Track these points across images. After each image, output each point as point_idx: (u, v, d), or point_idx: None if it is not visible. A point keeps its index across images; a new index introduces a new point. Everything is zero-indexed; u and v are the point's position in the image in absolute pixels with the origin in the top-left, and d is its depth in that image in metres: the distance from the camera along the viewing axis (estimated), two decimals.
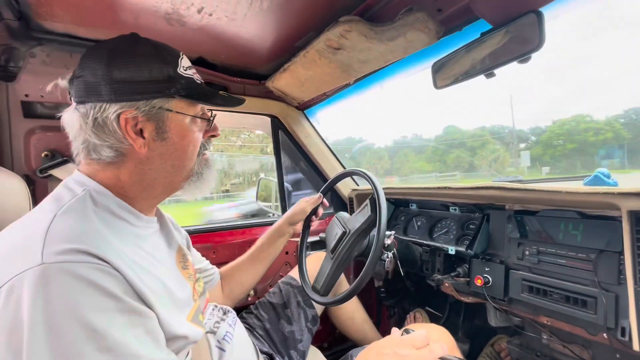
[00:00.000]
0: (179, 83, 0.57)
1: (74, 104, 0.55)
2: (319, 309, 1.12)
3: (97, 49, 0.54)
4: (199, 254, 0.91)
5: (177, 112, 0.57)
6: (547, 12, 0.56)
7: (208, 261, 0.94)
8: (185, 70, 0.59)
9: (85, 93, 0.53)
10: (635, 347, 0.66)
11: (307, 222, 1.11)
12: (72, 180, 0.55)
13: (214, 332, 0.78)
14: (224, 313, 0.87)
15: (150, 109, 0.54)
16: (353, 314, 1.28)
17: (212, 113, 0.65)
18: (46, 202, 0.51)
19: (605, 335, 0.74)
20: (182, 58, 0.59)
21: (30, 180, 0.98)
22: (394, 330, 0.63)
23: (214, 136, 0.68)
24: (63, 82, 0.56)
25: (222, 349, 0.75)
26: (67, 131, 0.56)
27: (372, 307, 1.62)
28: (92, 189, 0.53)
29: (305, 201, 1.08)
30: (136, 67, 0.53)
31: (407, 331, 0.60)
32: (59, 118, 0.57)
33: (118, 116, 0.52)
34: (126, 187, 0.57)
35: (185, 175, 0.62)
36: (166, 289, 0.55)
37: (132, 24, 0.89)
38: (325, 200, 1.10)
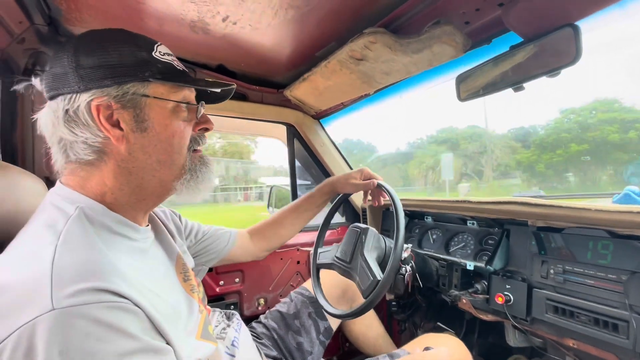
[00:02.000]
0: (154, 66, 0.52)
1: (47, 101, 0.51)
2: (334, 322, 1.09)
3: (65, 43, 0.51)
4: (203, 226, 0.93)
5: (156, 98, 0.52)
6: (583, 25, 0.55)
7: (218, 227, 0.97)
8: (163, 55, 0.54)
9: (54, 86, 0.49)
10: None
11: (342, 200, 1.08)
12: (58, 197, 0.50)
13: (222, 338, 0.77)
14: (228, 318, 0.85)
15: (124, 94, 0.50)
16: (368, 328, 1.25)
17: (203, 105, 0.60)
18: (40, 230, 0.45)
19: None
20: (160, 45, 0.55)
21: (50, 183, 0.99)
22: (414, 346, 0.61)
23: (206, 130, 0.62)
24: (36, 81, 0.53)
25: (232, 355, 0.74)
26: (44, 134, 0.52)
27: (383, 321, 1.58)
28: (84, 206, 0.48)
29: (361, 177, 1.01)
30: (104, 51, 0.49)
31: (427, 348, 0.59)
32: None
33: (89, 104, 0.48)
34: (115, 194, 0.52)
35: (177, 173, 0.57)
36: (176, 312, 0.53)
37: (157, 30, 0.91)
38: (380, 197, 1.05)
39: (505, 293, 0.95)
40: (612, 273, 0.75)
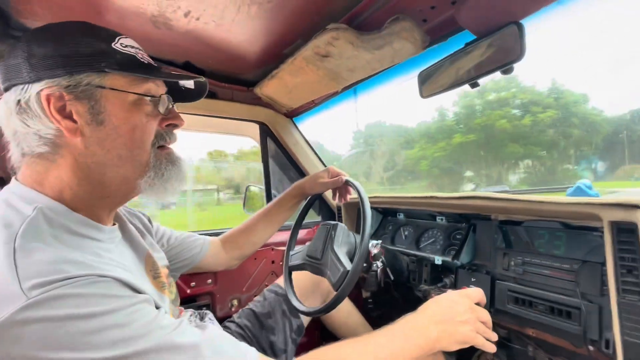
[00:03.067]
0: (113, 57, 0.50)
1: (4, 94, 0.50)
2: (306, 319, 1.09)
3: (22, 35, 0.49)
4: (175, 232, 0.92)
5: (114, 90, 0.50)
6: (527, 24, 0.57)
7: (190, 233, 0.95)
8: (125, 47, 0.52)
9: (7, 77, 0.48)
10: (620, 359, 0.65)
11: (313, 200, 1.07)
12: (14, 196, 0.48)
13: None
14: (201, 318, 0.84)
15: (76, 85, 0.48)
16: (347, 319, 1.25)
17: (170, 99, 0.58)
18: None
19: (591, 347, 0.73)
20: (123, 38, 0.53)
21: (4, 182, 0.94)
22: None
23: (175, 126, 0.60)
24: None
25: None
26: (1, 128, 0.50)
27: None
28: (43, 207, 0.47)
29: (329, 176, 1.01)
30: (59, 41, 0.48)
31: None
32: None
33: (39, 95, 0.47)
34: (74, 189, 0.51)
35: (140, 170, 0.55)
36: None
37: (118, 25, 0.88)
38: (347, 193, 1.05)
39: (470, 286, 0.97)
40: (566, 263, 0.78)
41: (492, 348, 0.65)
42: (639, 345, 0.62)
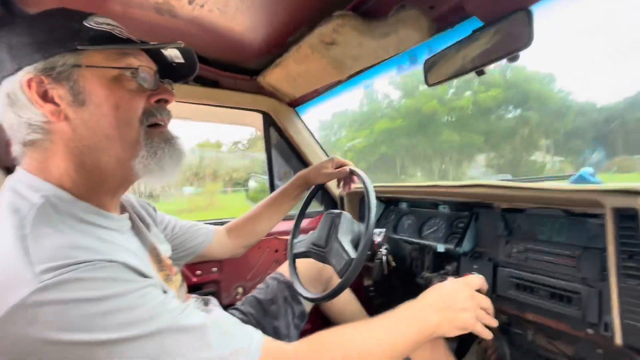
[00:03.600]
0: (86, 34, 0.49)
1: None
2: (308, 306, 1.11)
3: (5, 29, 0.50)
4: (180, 221, 0.93)
5: (91, 67, 0.49)
6: (537, 10, 0.57)
7: (195, 222, 0.97)
8: (100, 24, 0.51)
9: None
10: (618, 341, 0.67)
11: (316, 190, 1.08)
12: (20, 184, 0.49)
13: None
14: (205, 304, 0.86)
15: (53, 67, 0.48)
16: (345, 308, 1.28)
17: (154, 72, 0.56)
18: (3, 215, 0.45)
19: (589, 330, 0.75)
20: (99, 16, 0.52)
21: (10, 172, 0.95)
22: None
23: (166, 101, 0.58)
24: None
25: None
26: (2, 123, 0.51)
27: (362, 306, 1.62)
28: (50, 195, 0.47)
29: (333, 166, 1.01)
30: (34, 28, 0.48)
31: None
32: None
33: (21, 83, 0.47)
34: (72, 176, 0.51)
35: (131, 150, 0.53)
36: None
37: (121, 13, 0.87)
38: (352, 182, 1.05)
39: (473, 273, 0.99)
40: (567, 249, 0.79)
41: (488, 335, 0.66)
42: (636, 328, 0.63)
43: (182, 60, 0.61)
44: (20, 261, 0.39)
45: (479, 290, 0.72)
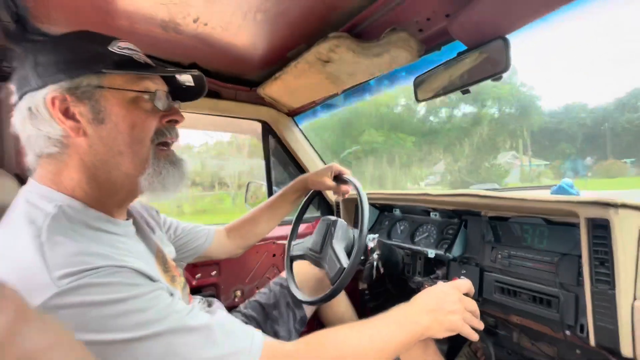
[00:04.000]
0: (109, 59, 0.53)
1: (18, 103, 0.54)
2: (308, 311, 1.15)
3: (30, 47, 0.54)
4: (182, 223, 0.96)
5: (112, 89, 0.53)
6: (512, 39, 0.63)
7: (196, 224, 1.00)
8: (122, 49, 0.56)
9: (20, 86, 0.53)
10: (592, 342, 0.72)
11: (313, 196, 1.12)
12: (33, 195, 0.52)
13: None
14: (209, 305, 0.89)
15: (77, 87, 0.52)
16: (343, 316, 1.32)
17: (167, 95, 0.61)
18: (20, 225, 0.48)
19: (567, 332, 0.80)
20: (121, 41, 0.57)
21: (21, 180, 0.99)
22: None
23: (175, 121, 0.63)
24: (12, 86, 0.55)
25: None
26: (19, 134, 0.55)
27: (357, 309, 1.66)
28: (63, 205, 0.51)
29: (329, 175, 1.05)
30: (60, 49, 0.52)
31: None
32: None
33: (45, 99, 0.51)
34: (84, 188, 0.55)
35: (139, 167, 0.58)
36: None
37: (128, 28, 0.92)
38: (345, 190, 1.08)
39: (461, 277, 1.04)
40: (547, 255, 0.85)
41: (475, 337, 0.71)
42: (607, 329, 0.69)
43: (192, 84, 0.66)
44: (39, 268, 0.43)
45: (466, 294, 0.77)
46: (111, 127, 0.54)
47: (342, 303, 1.33)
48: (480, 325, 0.73)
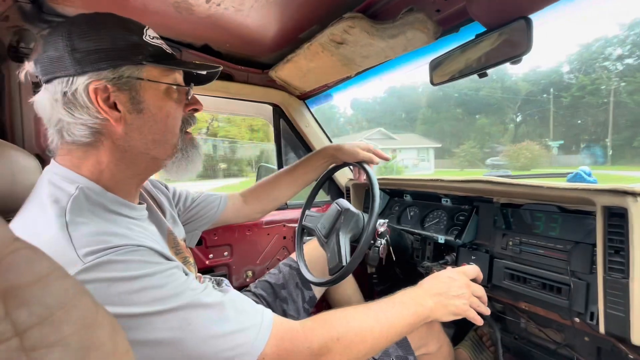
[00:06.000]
0: (146, 50, 0.55)
1: (43, 84, 0.54)
2: (317, 292, 1.17)
3: (58, 26, 0.53)
4: (192, 193, 0.98)
5: (150, 81, 0.55)
6: (535, 19, 0.60)
7: (207, 192, 1.02)
8: (152, 39, 0.57)
9: (51, 69, 0.52)
10: (601, 330, 0.72)
11: (338, 168, 1.11)
12: (56, 176, 0.54)
13: None
14: (218, 284, 0.92)
15: (119, 78, 0.53)
16: (350, 299, 1.34)
17: (192, 86, 0.63)
18: (45, 204, 0.50)
19: (576, 319, 0.81)
20: (148, 29, 0.58)
21: (42, 160, 1.02)
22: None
23: (196, 110, 0.66)
24: (30, 65, 0.55)
25: None
26: (40, 116, 0.55)
27: (364, 292, 1.69)
28: (84, 187, 0.53)
29: (361, 151, 1.03)
30: (97, 35, 0.52)
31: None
32: None
33: (87, 87, 0.51)
34: (112, 170, 0.56)
35: (170, 152, 0.62)
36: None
37: (141, 8, 0.92)
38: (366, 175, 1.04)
39: (470, 263, 1.04)
40: (559, 244, 0.84)
41: (479, 321, 0.72)
42: (618, 317, 0.69)
43: (204, 73, 0.67)
44: (67, 245, 0.46)
45: (475, 280, 0.77)
46: (149, 117, 0.57)
47: (349, 286, 1.35)
48: (487, 311, 0.74)
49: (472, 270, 0.77)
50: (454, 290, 0.71)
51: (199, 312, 0.50)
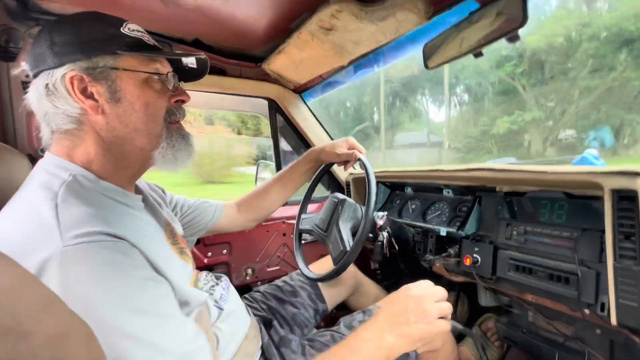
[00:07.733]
0: (123, 40, 0.56)
1: (32, 81, 0.56)
2: (330, 304, 1.13)
3: (43, 27, 0.55)
4: (189, 200, 0.97)
5: (126, 70, 0.56)
6: None
7: (204, 199, 1.01)
8: (132, 31, 0.58)
9: (35, 64, 0.54)
10: (613, 321, 0.68)
11: (326, 169, 1.11)
12: (50, 165, 0.55)
13: (211, 294, 0.82)
14: (217, 279, 0.91)
15: (94, 68, 0.54)
16: (377, 298, 1.29)
17: (175, 77, 0.62)
18: (37, 191, 0.51)
19: (586, 310, 0.76)
20: (129, 23, 0.59)
21: (33, 160, 1.01)
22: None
23: (182, 101, 0.66)
24: (24, 64, 0.57)
25: (220, 308, 0.79)
26: (34, 111, 0.57)
27: None
28: (77, 174, 0.54)
29: (345, 147, 1.03)
30: (76, 29, 0.54)
31: None
32: None
33: (64, 77, 0.53)
34: (101, 161, 0.57)
35: (154, 142, 0.61)
36: (169, 260, 0.59)
37: (129, 4, 0.90)
38: (360, 163, 1.02)
39: (474, 255, 1.00)
40: (566, 231, 0.79)
41: (446, 326, 0.63)
42: (631, 307, 0.64)
43: (195, 65, 0.67)
44: (51, 225, 0.45)
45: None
46: (127, 106, 0.57)
47: (372, 289, 1.32)
48: (447, 327, 0.63)
49: (424, 284, 0.67)
50: (410, 316, 0.61)
51: (149, 349, 0.45)
